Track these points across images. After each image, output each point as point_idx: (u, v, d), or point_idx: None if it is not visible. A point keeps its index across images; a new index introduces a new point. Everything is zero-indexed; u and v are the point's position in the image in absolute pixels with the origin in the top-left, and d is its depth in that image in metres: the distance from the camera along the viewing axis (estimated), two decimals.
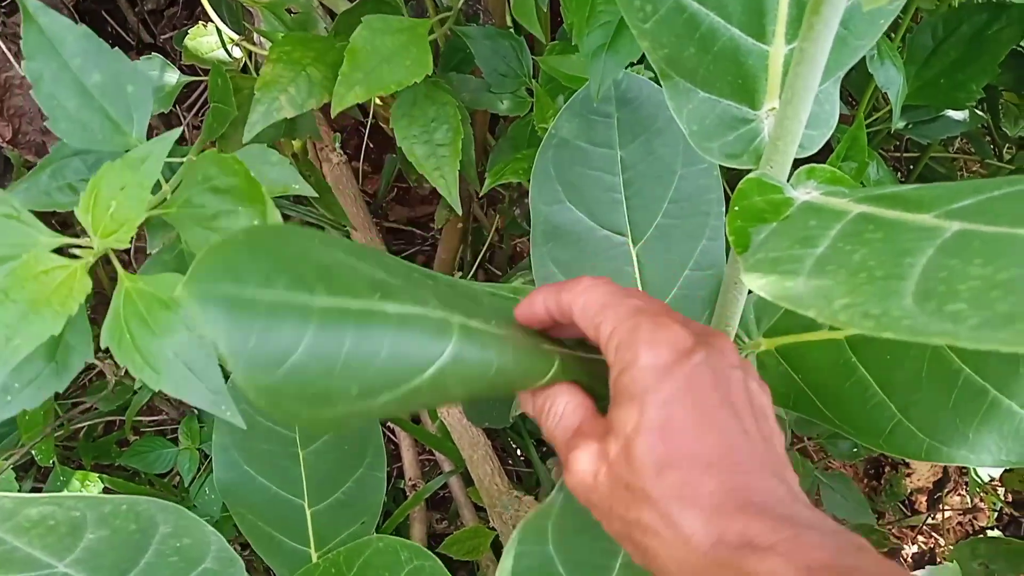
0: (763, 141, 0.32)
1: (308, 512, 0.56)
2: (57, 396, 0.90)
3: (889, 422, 0.36)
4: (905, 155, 0.84)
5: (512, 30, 0.63)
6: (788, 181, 0.31)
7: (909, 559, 1.05)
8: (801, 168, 0.31)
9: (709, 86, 0.31)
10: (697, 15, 0.29)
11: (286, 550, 0.55)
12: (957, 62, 0.57)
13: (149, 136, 0.44)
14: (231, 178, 0.34)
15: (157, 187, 0.42)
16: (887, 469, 1.14)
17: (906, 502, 1.14)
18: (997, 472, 0.61)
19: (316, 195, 0.42)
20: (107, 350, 0.36)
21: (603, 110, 0.48)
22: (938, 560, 0.97)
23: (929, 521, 1.10)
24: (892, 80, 0.51)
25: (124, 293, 0.35)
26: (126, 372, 0.58)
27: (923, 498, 1.13)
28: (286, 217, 1.18)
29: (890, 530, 1.09)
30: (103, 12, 1.18)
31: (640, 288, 0.50)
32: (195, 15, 1.30)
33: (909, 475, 1.13)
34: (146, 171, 0.35)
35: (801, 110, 0.28)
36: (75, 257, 0.37)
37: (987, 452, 0.34)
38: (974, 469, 0.62)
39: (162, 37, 1.15)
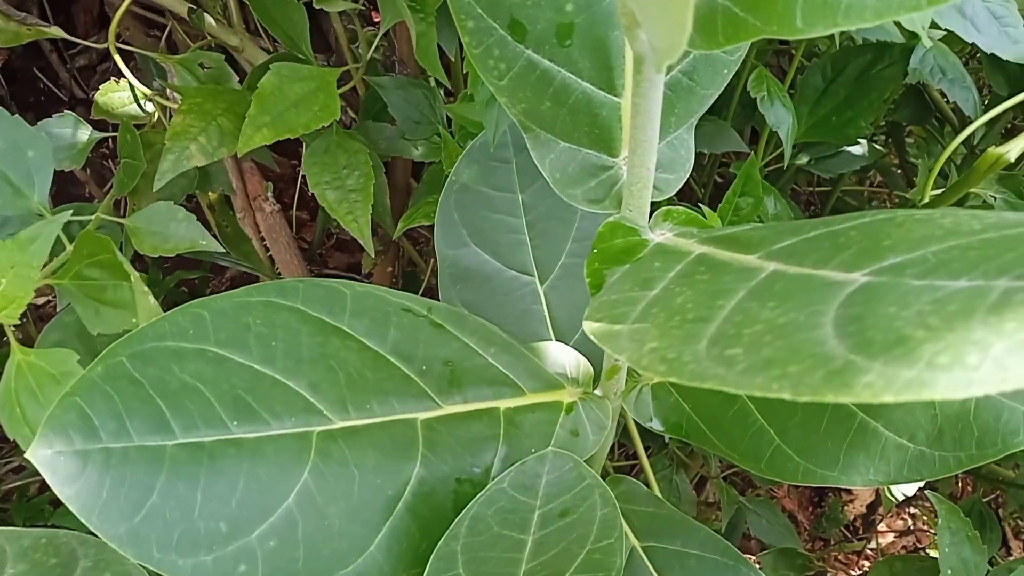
0: (622, 186, 0.33)
1: None
2: None
3: (769, 447, 0.38)
4: (818, 189, 0.87)
5: (431, 80, 0.65)
6: (648, 224, 0.33)
7: None
8: (659, 210, 0.32)
9: (568, 136, 0.33)
10: (549, 71, 0.31)
11: None
12: (846, 100, 0.60)
13: (68, 191, 0.45)
14: (109, 254, 0.35)
15: (62, 247, 0.43)
16: (830, 496, 1.16)
17: (850, 527, 1.16)
18: (911, 491, 0.63)
19: (224, 250, 0.43)
20: None
21: (501, 156, 0.50)
22: None
23: (872, 545, 1.12)
24: (782, 119, 0.54)
25: (16, 366, 0.36)
26: None
27: (863, 523, 1.16)
28: (222, 268, 1.18)
29: (834, 556, 1.11)
30: (34, 69, 1.19)
31: (549, 326, 0.52)
32: (131, 64, 1.31)
33: (851, 501, 1.15)
34: (35, 251, 0.36)
35: (647, 158, 0.30)
36: None
37: (857, 473, 0.35)
38: (887, 489, 0.64)
39: (93, 93, 1.16)
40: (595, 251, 0.31)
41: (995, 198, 0.51)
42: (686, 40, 0.16)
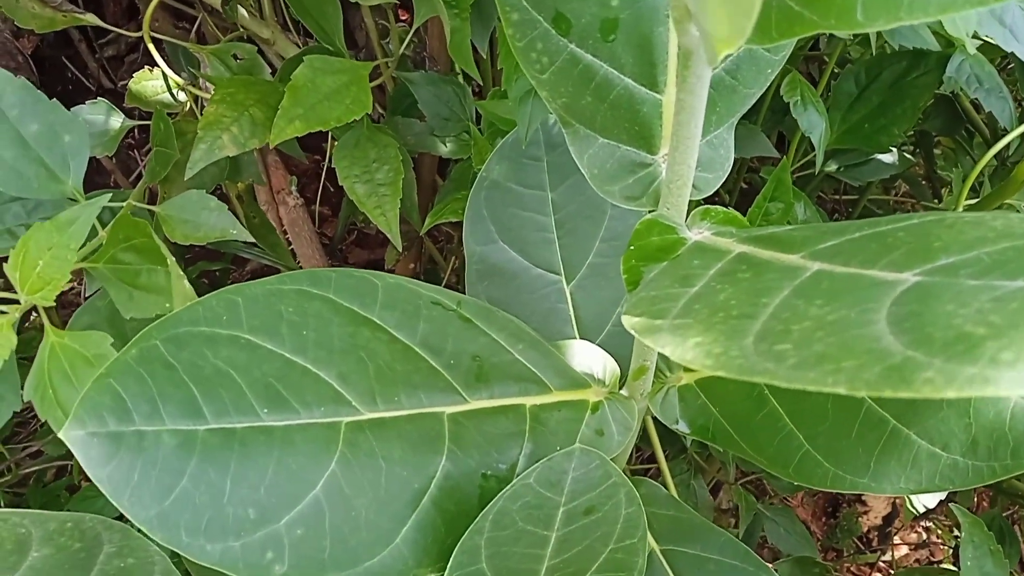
0: (661, 184, 0.33)
1: None
2: (6, 441, 0.89)
3: (797, 452, 0.37)
4: (844, 198, 0.87)
5: (460, 76, 0.65)
6: (685, 222, 0.32)
7: None
8: (697, 209, 0.32)
9: (608, 132, 0.32)
10: (592, 66, 0.31)
11: None
12: (879, 107, 0.60)
13: (93, 180, 0.46)
14: (146, 238, 0.36)
15: (94, 233, 0.43)
16: (844, 506, 1.15)
17: (863, 539, 1.15)
18: (932, 502, 0.62)
19: (253, 240, 0.43)
20: None
21: (533, 153, 0.50)
22: None
23: (886, 557, 1.11)
24: (815, 125, 0.54)
25: (49, 348, 0.36)
26: None
27: (878, 535, 1.15)
28: (243, 260, 1.19)
29: (847, 567, 1.10)
30: (63, 58, 1.20)
31: (574, 325, 0.52)
32: (156, 61, 1.33)
33: (865, 512, 1.14)
34: (73, 233, 0.36)
35: (688, 156, 0.30)
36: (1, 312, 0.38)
37: (887, 481, 0.35)
38: (909, 500, 0.63)
39: (121, 83, 1.17)
40: (632, 248, 0.31)
41: None
42: (752, 26, 0.16)
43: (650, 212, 0.32)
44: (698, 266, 0.28)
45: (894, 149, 0.66)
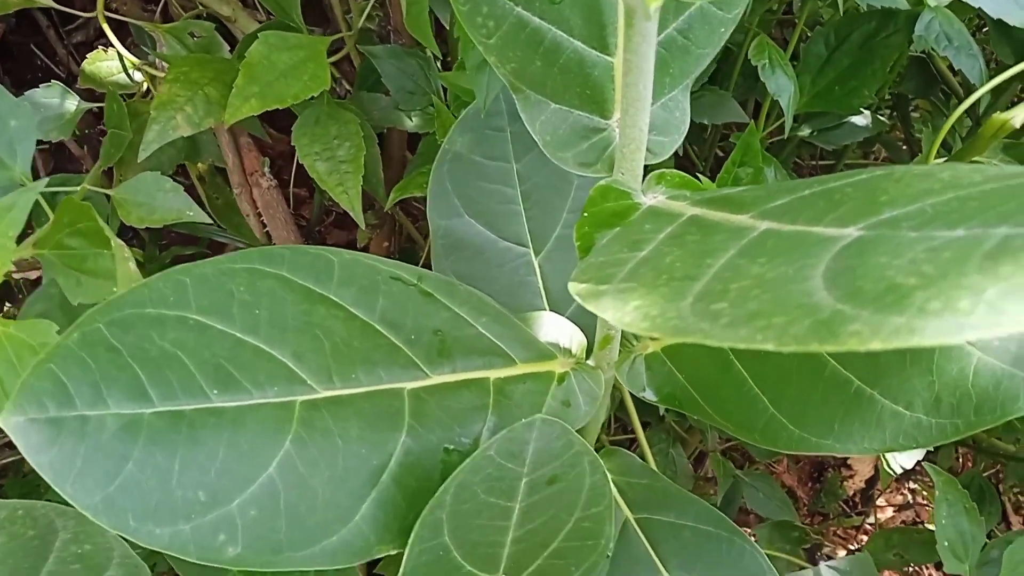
0: (615, 149, 0.33)
1: None
2: None
3: (763, 416, 0.37)
4: (821, 163, 0.86)
5: (427, 49, 0.64)
6: (641, 187, 0.32)
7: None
8: (652, 174, 0.32)
9: (559, 97, 0.32)
10: (540, 30, 0.30)
11: None
12: (849, 68, 0.59)
13: (64, 168, 0.44)
14: (91, 222, 0.35)
15: (46, 218, 0.42)
16: (829, 471, 1.16)
17: (849, 502, 1.15)
18: (909, 463, 0.62)
19: (210, 221, 0.42)
20: None
21: (496, 124, 0.49)
22: None
23: (872, 520, 1.12)
24: (783, 88, 0.53)
25: None
26: None
27: (861, 498, 1.15)
28: (220, 245, 1.18)
29: (833, 531, 1.11)
30: (32, 45, 1.17)
31: (543, 297, 0.51)
32: (125, 46, 1.30)
33: (851, 476, 1.15)
34: (12, 220, 0.35)
35: (639, 118, 0.29)
36: None
37: (852, 441, 0.35)
38: (885, 461, 0.63)
39: None
40: (586, 214, 0.30)
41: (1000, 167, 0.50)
42: None
43: (605, 178, 0.32)
44: (649, 230, 0.27)
45: (867, 112, 0.65)
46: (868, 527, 1.14)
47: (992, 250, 0.15)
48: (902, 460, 0.60)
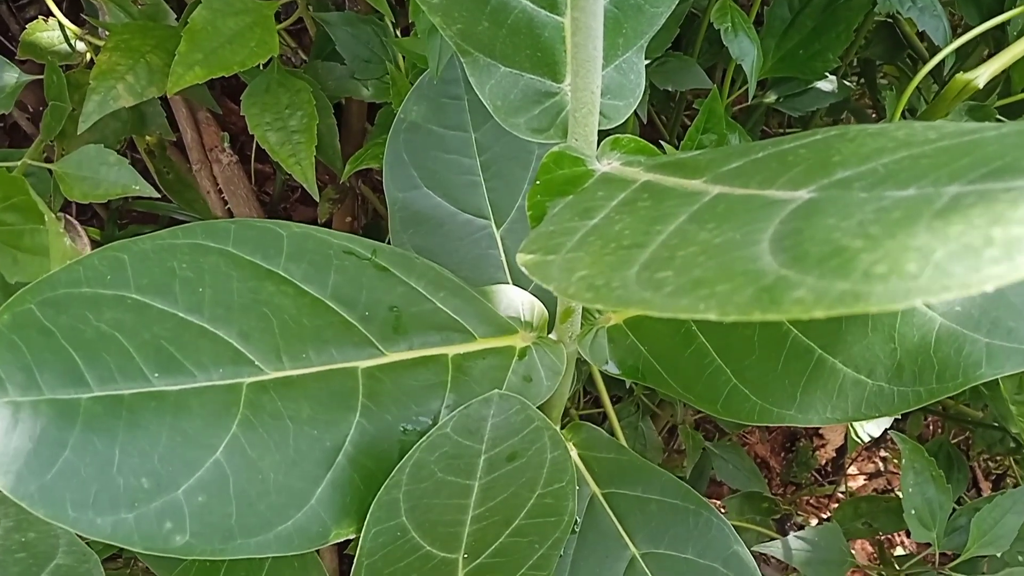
0: (568, 114, 0.31)
1: None
2: None
3: (725, 387, 0.37)
4: (790, 131, 0.85)
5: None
6: (596, 153, 0.31)
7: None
8: (607, 139, 0.31)
9: (509, 60, 0.30)
10: None
11: None
12: (813, 32, 0.58)
13: (20, 146, 0.42)
14: (24, 196, 0.33)
15: None
16: (802, 440, 1.17)
17: (822, 471, 1.16)
18: (877, 431, 0.63)
19: (158, 195, 0.41)
20: None
21: (452, 92, 0.47)
22: None
23: (844, 488, 1.13)
24: (746, 52, 0.52)
25: None
26: None
27: (832, 466, 1.16)
28: (180, 223, 1.15)
29: (806, 500, 1.12)
30: None
31: (506, 270, 0.50)
32: (79, 21, 1.26)
33: (823, 445, 1.15)
34: None
35: (591, 81, 0.28)
36: None
37: (814, 411, 0.34)
38: (853, 430, 0.64)
39: None
40: (538, 182, 0.29)
41: None
42: None
43: (559, 144, 0.31)
44: (602, 197, 0.26)
45: (832, 77, 0.64)
46: (840, 496, 1.15)
47: (942, 209, 0.14)
48: (869, 428, 0.61)
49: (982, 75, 0.43)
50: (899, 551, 1.11)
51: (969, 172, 0.15)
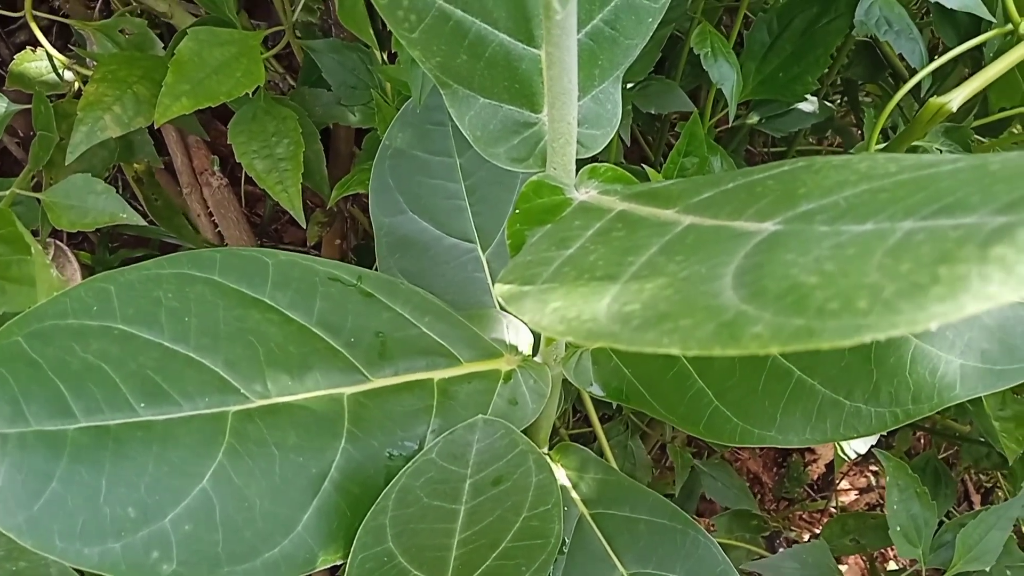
0: (546, 143, 0.32)
1: None
2: None
3: (706, 409, 0.37)
4: (773, 150, 0.86)
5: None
6: (574, 182, 0.31)
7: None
8: (585, 168, 0.31)
9: (488, 92, 0.31)
10: (463, 23, 0.29)
11: None
12: (793, 55, 0.59)
13: (13, 172, 0.43)
14: (10, 228, 0.33)
15: None
16: (794, 456, 1.17)
17: (814, 486, 1.17)
18: (863, 448, 0.63)
19: (144, 223, 0.41)
20: None
21: (436, 118, 0.48)
22: None
23: (836, 503, 1.14)
24: (726, 76, 0.53)
25: None
26: None
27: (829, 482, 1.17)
28: (170, 247, 1.16)
29: (799, 515, 1.12)
30: None
31: (493, 294, 0.51)
32: (68, 46, 1.27)
33: (814, 460, 1.16)
34: None
35: (567, 112, 0.29)
36: None
37: (793, 432, 0.35)
38: (839, 447, 0.64)
39: None
40: (517, 211, 0.30)
41: (940, 151, 0.50)
42: None
43: (538, 173, 0.31)
44: (578, 227, 0.27)
45: (813, 98, 0.65)
46: (833, 511, 1.16)
47: (893, 246, 0.14)
48: (856, 445, 0.61)
49: (955, 98, 0.44)
50: (892, 565, 1.12)
51: (923, 208, 0.16)
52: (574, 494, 0.47)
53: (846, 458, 0.61)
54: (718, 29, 0.59)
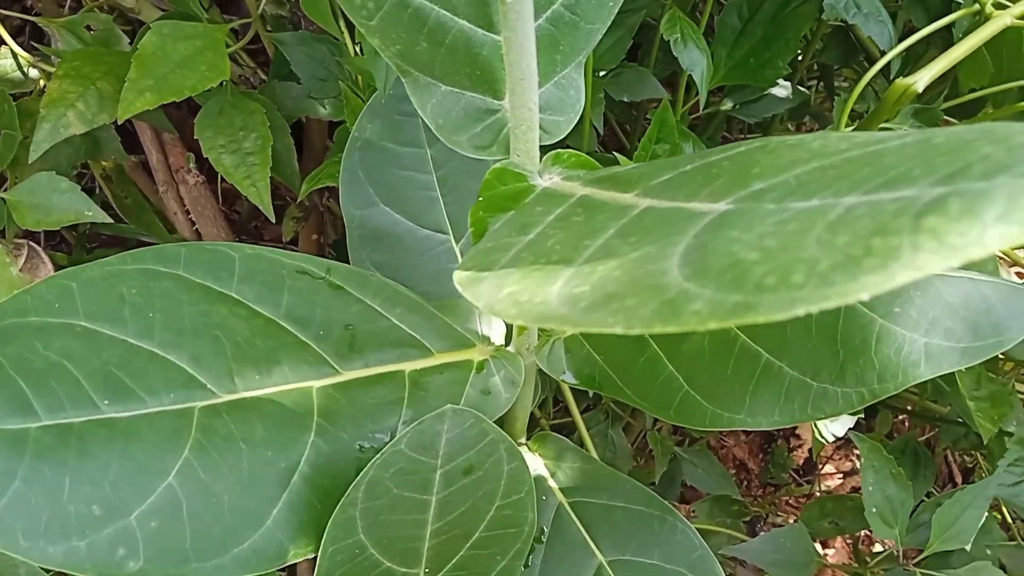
0: (510, 130, 0.32)
1: None
2: None
3: (677, 394, 0.37)
4: (750, 136, 0.86)
5: (345, 34, 0.62)
6: (538, 169, 0.31)
7: None
8: (548, 154, 0.31)
9: (449, 79, 0.31)
10: (422, 9, 0.29)
11: None
12: (763, 40, 0.59)
13: None
14: None
15: None
16: (779, 441, 1.18)
17: (799, 471, 1.18)
18: (841, 431, 0.63)
19: (110, 220, 0.41)
20: None
21: (405, 109, 0.48)
22: None
23: (820, 488, 1.15)
24: (696, 62, 0.53)
25: None
26: None
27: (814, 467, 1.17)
28: (146, 244, 1.15)
29: (785, 500, 1.13)
30: None
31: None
32: (44, 40, 1.25)
33: (799, 446, 1.17)
34: None
35: (528, 98, 0.29)
36: None
37: (762, 415, 0.35)
38: (817, 430, 0.64)
39: None
40: (480, 199, 0.30)
41: None
42: None
43: (501, 160, 0.31)
44: (539, 213, 0.27)
45: (786, 83, 0.65)
46: (819, 495, 1.16)
47: (834, 221, 0.14)
48: (833, 428, 0.61)
49: (921, 79, 0.44)
50: (879, 547, 1.13)
51: (867, 182, 0.16)
52: (552, 483, 0.47)
53: (824, 441, 0.61)
54: (692, 16, 0.59)
